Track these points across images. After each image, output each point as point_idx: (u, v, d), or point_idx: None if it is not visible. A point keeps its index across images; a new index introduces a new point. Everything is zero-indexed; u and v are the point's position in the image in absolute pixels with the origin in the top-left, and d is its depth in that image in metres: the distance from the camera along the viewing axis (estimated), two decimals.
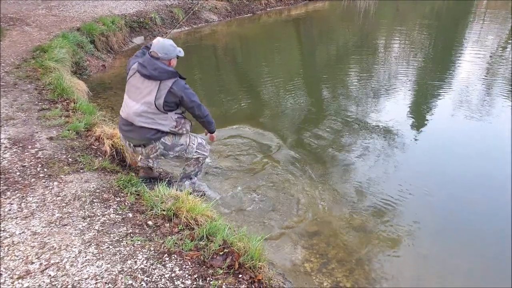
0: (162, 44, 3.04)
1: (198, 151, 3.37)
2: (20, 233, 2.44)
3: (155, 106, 2.98)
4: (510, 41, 10.79)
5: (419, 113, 5.96)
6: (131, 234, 2.54)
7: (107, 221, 2.64)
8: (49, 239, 2.41)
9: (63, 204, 2.74)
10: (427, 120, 5.76)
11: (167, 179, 3.41)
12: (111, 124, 4.17)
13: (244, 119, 5.49)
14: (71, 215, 2.65)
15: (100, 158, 3.48)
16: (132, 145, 3.19)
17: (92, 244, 2.40)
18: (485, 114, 5.92)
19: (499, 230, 3.51)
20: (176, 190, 3.07)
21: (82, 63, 6.63)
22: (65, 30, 7.17)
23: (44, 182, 2.96)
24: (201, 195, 3.38)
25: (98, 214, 2.70)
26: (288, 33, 11.66)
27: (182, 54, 3.18)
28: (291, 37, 11.44)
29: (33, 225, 2.51)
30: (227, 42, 10.22)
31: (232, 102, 6.17)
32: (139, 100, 3.01)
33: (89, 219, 2.64)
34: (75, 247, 2.36)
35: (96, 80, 6.55)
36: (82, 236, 2.46)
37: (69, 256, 2.29)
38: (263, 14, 13.46)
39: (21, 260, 2.23)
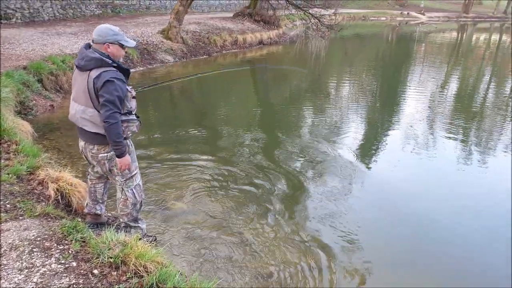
0: (99, 27, 2.66)
1: (134, 189, 3.05)
2: None
3: (91, 102, 2.62)
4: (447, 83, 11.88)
5: (369, 149, 6.24)
6: (74, 285, 2.35)
7: (48, 272, 2.43)
8: None
9: None
10: (376, 155, 6.04)
11: (115, 224, 3.24)
12: (57, 167, 3.96)
13: (199, 155, 5.46)
14: (6, 267, 2.42)
15: (43, 203, 3.25)
16: (85, 143, 2.84)
17: None
18: (430, 148, 6.36)
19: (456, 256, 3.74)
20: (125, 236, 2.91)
21: (28, 102, 6.36)
22: (9, 69, 6.90)
23: None
24: (152, 240, 3.24)
25: (38, 265, 2.48)
26: (243, 75, 11.98)
27: (130, 44, 2.71)
28: (246, 78, 11.77)
29: None
30: (183, 82, 10.28)
31: (187, 139, 6.13)
32: (76, 97, 2.68)
33: (26, 270, 2.42)
34: None
35: (43, 120, 6.27)
36: None
37: None
38: (219, 56, 13.83)
39: None
